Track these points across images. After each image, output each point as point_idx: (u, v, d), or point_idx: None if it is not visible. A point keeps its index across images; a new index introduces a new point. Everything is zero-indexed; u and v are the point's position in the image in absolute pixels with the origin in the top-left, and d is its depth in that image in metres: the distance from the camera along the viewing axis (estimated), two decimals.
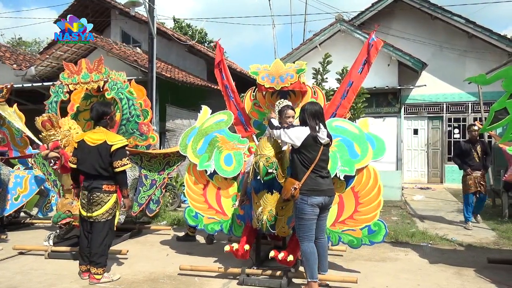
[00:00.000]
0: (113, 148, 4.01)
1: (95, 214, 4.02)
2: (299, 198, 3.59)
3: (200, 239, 5.86)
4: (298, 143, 3.61)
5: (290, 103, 4.38)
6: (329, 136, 3.72)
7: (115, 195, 4.13)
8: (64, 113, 5.71)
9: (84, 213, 4.05)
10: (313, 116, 3.67)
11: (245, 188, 4.31)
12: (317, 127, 3.63)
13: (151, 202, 5.93)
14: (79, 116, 5.87)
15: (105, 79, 5.45)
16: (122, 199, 4.22)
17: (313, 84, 7.28)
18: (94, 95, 5.78)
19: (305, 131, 3.63)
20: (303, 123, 3.73)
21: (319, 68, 7.39)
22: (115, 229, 4.36)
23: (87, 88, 5.55)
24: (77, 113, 5.87)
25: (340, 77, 7.43)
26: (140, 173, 5.82)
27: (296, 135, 3.64)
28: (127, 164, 4.12)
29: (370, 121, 4.43)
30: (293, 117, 4.17)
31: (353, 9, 58.95)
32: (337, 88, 5.99)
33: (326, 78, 7.53)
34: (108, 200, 4.05)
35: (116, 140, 4.08)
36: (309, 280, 3.64)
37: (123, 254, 4.87)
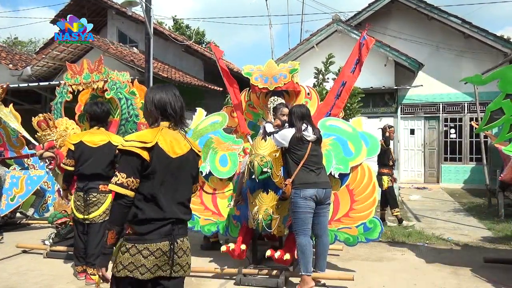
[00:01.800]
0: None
1: (92, 216, 3.98)
2: (293, 193, 3.69)
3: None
4: (286, 144, 3.78)
5: (283, 101, 4.42)
6: (317, 133, 3.82)
7: (110, 195, 4.11)
8: (71, 114, 5.69)
9: (80, 216, 4.00)
10: (300, 118, 3.81)
11: (240, 188, 4.31)
12: (303, 128, 3.76)
13: None
14: (86, 116, 5.85)
15: (105, 79, 5.44)
16: None
17: (314, 83, 7.31)
18: (100, 96, 5.76)
19: (290, 132, 3.78)
20: (290, 124, 3.86)
21: (321, 68, 7.41)
22: None
23: (93, 89, 5.54)
24: (84, 114, 5.85)
25: (336, 77, 7.43)
26: None
27: (283, 137, 3.80)
28: None
29: (363, 120, 4.45)
30: (287, 115, 4.20)
31: (350, 9, 59.06)
32: None
33: (328, 78, 7.57)
34: (105, 201, 4.03)
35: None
36: (303, 273, 3.66)
37: None
